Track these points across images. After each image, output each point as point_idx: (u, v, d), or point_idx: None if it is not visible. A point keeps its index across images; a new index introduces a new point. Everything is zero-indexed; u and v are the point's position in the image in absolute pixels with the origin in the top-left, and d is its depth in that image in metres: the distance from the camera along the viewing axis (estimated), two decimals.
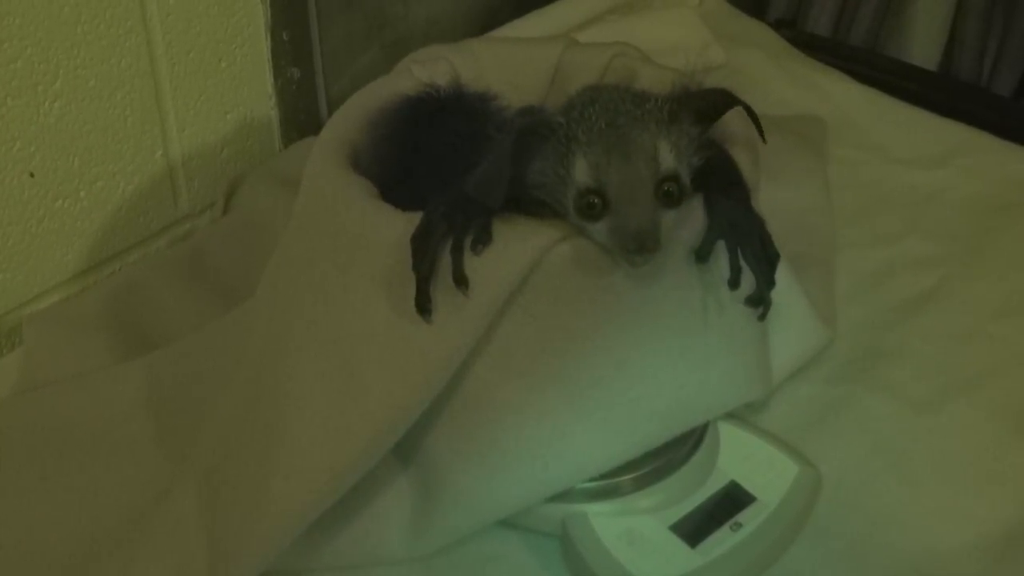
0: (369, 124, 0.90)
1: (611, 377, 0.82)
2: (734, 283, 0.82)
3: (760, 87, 1.35)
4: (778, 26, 1.51)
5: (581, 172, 0.77)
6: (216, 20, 1.17)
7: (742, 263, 0.82)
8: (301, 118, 1.29)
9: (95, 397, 0.97)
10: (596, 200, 0.76)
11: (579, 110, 0.79)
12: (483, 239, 0.77)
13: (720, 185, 0.83)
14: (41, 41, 1.03)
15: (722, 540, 0.85)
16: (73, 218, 1.11)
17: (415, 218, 0.78)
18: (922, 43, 1.73)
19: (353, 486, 0.80)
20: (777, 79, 1.37)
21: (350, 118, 0.91)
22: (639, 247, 0.75)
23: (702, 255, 0.82)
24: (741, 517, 0.86)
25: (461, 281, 0.76)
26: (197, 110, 1.18)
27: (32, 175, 1.06)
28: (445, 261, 0.77)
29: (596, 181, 0.76)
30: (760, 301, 0.84)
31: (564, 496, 0.85)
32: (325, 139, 0.89)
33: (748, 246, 0.83)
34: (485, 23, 1.44)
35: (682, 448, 0.88)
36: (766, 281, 0.84)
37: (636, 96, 0.80)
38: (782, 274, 0.89)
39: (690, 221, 0.81)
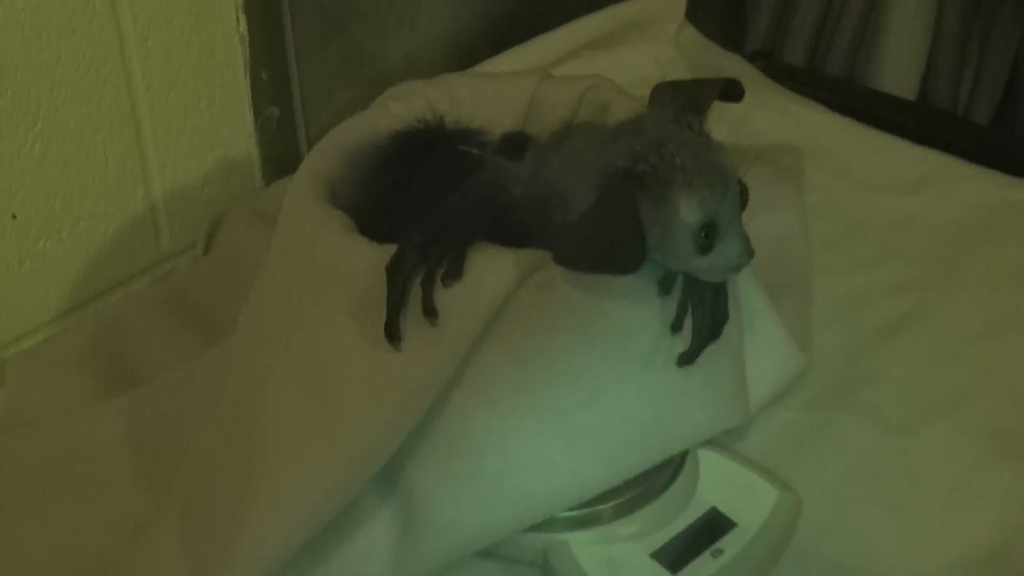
0: (348, 159, 0.91)
1: (589, 404, 0.82)
2: (676, 326, 0.83)
3: (736, 117, 1.36)
4: (753, 58, 1.52)
5: (691, 211, 0.76)
6: (195, 60, 1.18)
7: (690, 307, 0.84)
8: (282, 156, 1.30)
9: (77, 434, 0.97)
10: (710, 233, 0.77)
11: (655, 151, 0.77)
12: (453, 273, 0.78)
13: None
14: (21, 83, 1.04)
15: (703, 566, 0.84)
16: (55, 259, 1.12)
17: (391, 250, 0.79)
18: (897, 74, 1.74)
19: (334, 517, 0.80)
20: (753, 109, 1.37)
21: (327, 154, 0.91)
22: (750, 256, 0.78)
23: (664, 287, 0.83)
24: (722, 543, 0.86)
25: (431, 313, 0.77)
26: (178, 150, 1.19)
27: (14, 216, 1.07)
28: (419, 292, 0.78)
29: (707, 216, 0.76)
30: (689, 357, 0.84)
31: (544, 525, 0.85)
32: (303, 174, 0.90)
33: (697, 293, 0.84)
34: (463, 60, 1.45)
35: (662, 475, 0.88)
36: (701, 333, 0.84)
37: (684, 120, 0.80)
38: (759, 301, 0.90)
39: None
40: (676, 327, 0.83)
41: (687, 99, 0.81)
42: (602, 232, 0.75)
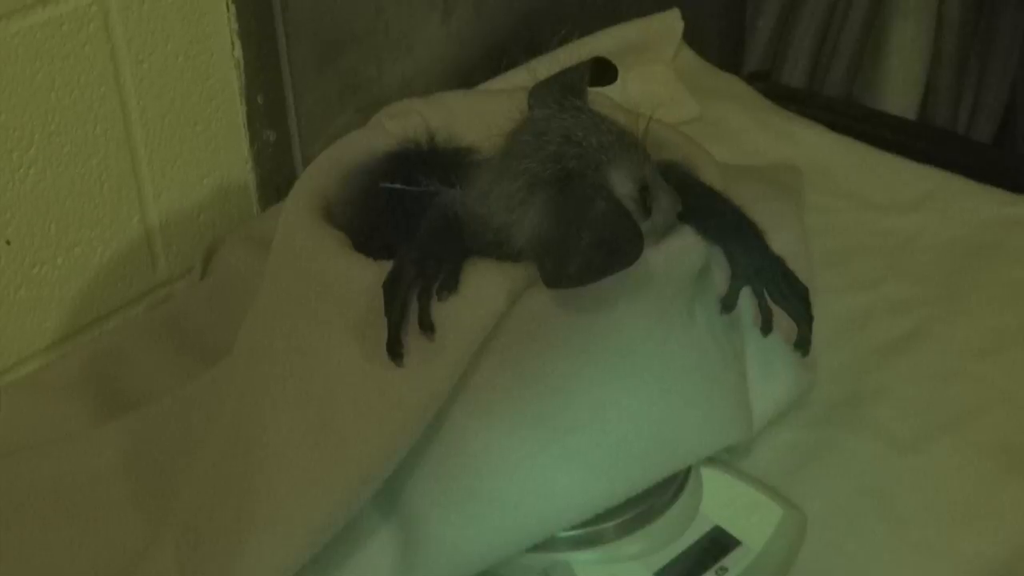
0: (343, 179, 0.91)
1: (590, 421, 0.81)
2: (766, 328, 0.86)
3: (735, 138, 1.36)
4: (751, 79, 1.52)
5: (625, 183, 0.79)
6: (190, 85, 1.17)
7: (772, 306, 0.86)
8: (278, 181, 1.29)
9: (73, 460, 0.96)
10: (646, 196, 0.79)
11: (569, 145, 0.79)
12: (449, 286, 0.77)
13: (733, 232, 0.85)
14: (15, 107, 1.03)
15: None
16: (50, 285, 1.11)
17: (387, 266, 0.78)
18: (896, 97, 1.74)
19: (333, 538, 0.79)
20: (752, 130, 1.38)
21: (323, 172, 0.91)
22: (681, 201, 0.82)
23: (728, 304, 0.85)
24: (726, 562, 0.85)
25: (428, 327, 0.76)
26: (173, 175, 1.19)
27: (8, 242, 1.06)
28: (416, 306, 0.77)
29: (639, 181, 0.79)
30: (804, 341, 0.88)
31: (546, 545, 0.84)
32: (298, 192, 0.89)
33: (774, 288, 0.85)
34: (460, 84, 1.44)
35: (665, 493, 0.87)
36: (800, 317, 0.87)
37: (569, 105, 0.82)
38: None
39: (717, 270, 0.85)
40: (767, 330, 0.87)
41: (562, 87, 0.83)
42: (592, 234, 0.74)
